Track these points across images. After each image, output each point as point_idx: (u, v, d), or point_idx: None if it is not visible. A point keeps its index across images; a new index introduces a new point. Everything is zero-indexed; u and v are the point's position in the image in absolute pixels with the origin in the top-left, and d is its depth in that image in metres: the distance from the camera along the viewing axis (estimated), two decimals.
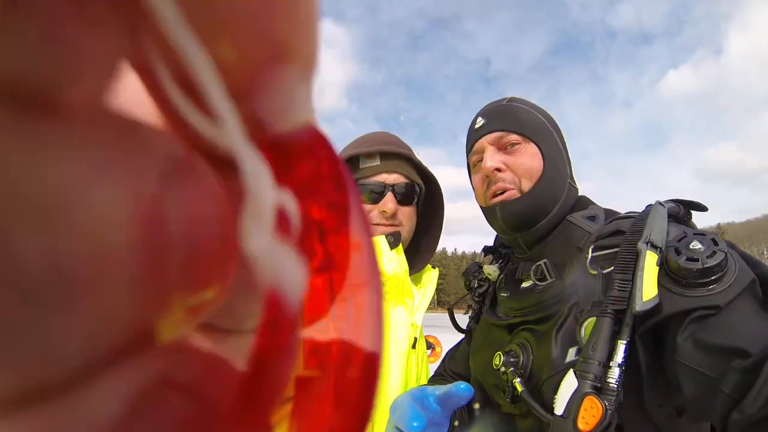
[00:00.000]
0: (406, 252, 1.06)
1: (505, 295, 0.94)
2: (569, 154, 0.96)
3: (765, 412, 0.45)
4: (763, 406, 0.46)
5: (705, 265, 0.59)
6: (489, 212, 0.93)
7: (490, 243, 1.10)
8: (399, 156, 1.03)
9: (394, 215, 1.00)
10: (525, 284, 0.90)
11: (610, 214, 0.86)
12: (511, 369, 0.78)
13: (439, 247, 1.19)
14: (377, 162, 1.00)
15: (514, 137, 0.89)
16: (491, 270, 1.02)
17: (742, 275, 0.59)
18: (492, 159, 0.88)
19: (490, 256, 1.11)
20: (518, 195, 0.87)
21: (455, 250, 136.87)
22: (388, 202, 0.98)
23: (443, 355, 1.16)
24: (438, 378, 1.15)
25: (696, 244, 0.62)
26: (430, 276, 1.16)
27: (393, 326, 1.00)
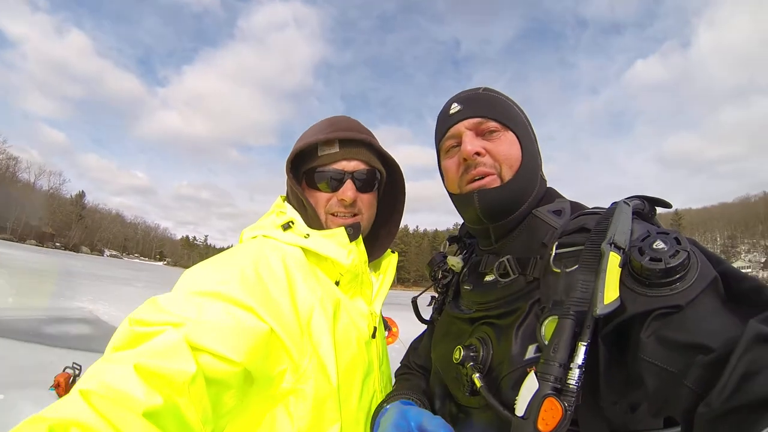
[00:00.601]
0: (366, 239, 1.05)
1: (468, 288, 0.95)
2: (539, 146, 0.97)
3: (731, 404, 0.46)
4: (729, 399, 0.46)
5: (668, 265, 0.60)
6: (464, 199, 0.91)
7: (452, 221, 1.13)
8: (359, 142, 1.01)
9: (353, 203, 1.00)
10: (488, 278, 0.90)
11: (576, 208, 0.86)
12: (471, 364, 0.79)
13: (401, 225, 1.19)
14: (336, 149, 0.98)
15: (493, 124, 0.89)
16: (455, 261, 1.03)
17: (704, 273, 0.60)
18: (472, 143, 0.87)
19: (455, 246, 1.11)
20: (499, 182, 0.87)
21: (417, 227, 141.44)
22: (348, 190, 0.97)
23: (399, 335, 1.16)
24: (403, 370, 1.16)
25: (659, 244, 0.63)
26: (390, 261, 1.16)
27: (353, 317, 0.99)
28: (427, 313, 1.13)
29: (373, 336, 1.04)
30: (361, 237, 1.02)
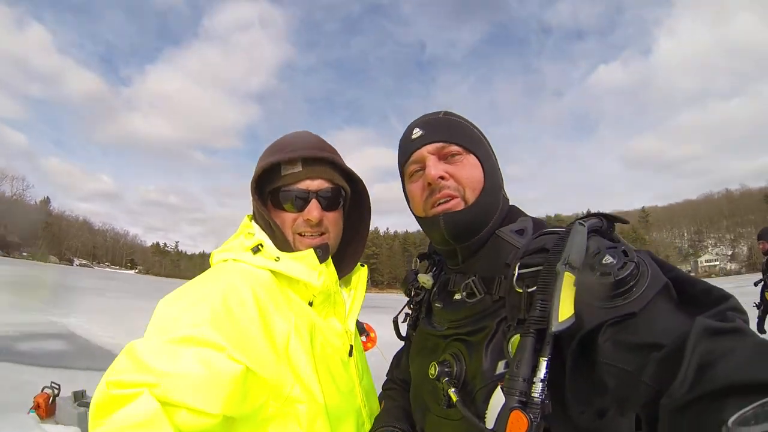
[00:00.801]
0: (334, 256, 1.05)
1: (438, 306, 0.99)
2: (499, 165, 1.01)
3: (694, 394, 0.48)
4: (690, 389, 0.49)
5: (617, 278, 0.64)
6: (429, 222, 0.94)
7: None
8: (322, 160, 1.00)
9: (319, 222, 0.99)
10: (457, 296, 0.94)
11: (538, 226, 0.91)
12: (446, 379, 0.84)
13: (371, 227, 1.21)
14: (299, 168, 0.98)
15: (455, 148, 0.92)
16: (425, 279, 1.06)
17: (654, 281, 0.64)
18: (436, 167, 0.90)
19: (425, 263, 1.14)
20: (463, 205, 0.90)
21: (387, 229, 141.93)
22: (313, 209, 0.97)
23: (377, 339, 1.20)
24: (388, 385, 1.23)
25: (608, 259, 0.67)
26: (360, 275, 1.17)
27: (329, 337, 1.00)
28: (404, 328, 1.18)
29: (350, 354, 1.06)
30: (330, 258, 1.02)
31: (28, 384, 4.62)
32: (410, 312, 1.14)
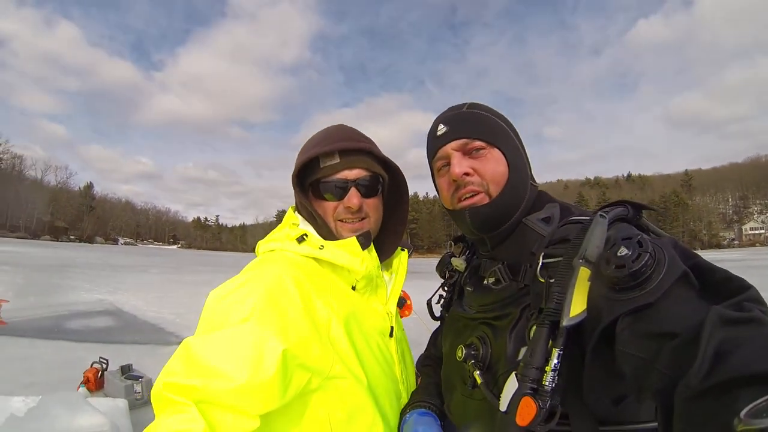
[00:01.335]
0: (375, 240, 1.12)
1: (469, 289, 1.04)
2: (527, 153, 1.03)
3: (708, 384, 0.48)
4: (705, 378, 0.49)
5: (631, 270, 0.64)
6: (457, 215, 0.99)
7: None
8: (359, 151, 1.06)
9: (359, 209, 1.06)
10: (486, 281, 0.98)
11: (565, 212, 0.92)
12: (472, 362, 0.89)
13: (410, 192, 1.25)
14: (337, 159, 1.04)
15: (479, 143, 0.95)
16: (459, 263, 1.12)
17: (672, 269, 0.64)
18: (460, 165, 0.94)
19: (460, 245, 1.19)
20: (487, 200, 0.94)
21: (426, 194, 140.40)
22: (353, 197, 1.04)
23: (413, 307, 1.30)
24: (426, 362, 1.28)
25: (623, 251, 0.66)
26: (400, 259, 1.23)
27: (370, 319, 1.07)
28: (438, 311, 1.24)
29: (391, 335, 1.12)
30: (372, 244, 1.07)
31: (78, 360, 4.76)
32: (444, 294, 1.19)
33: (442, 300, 1.19)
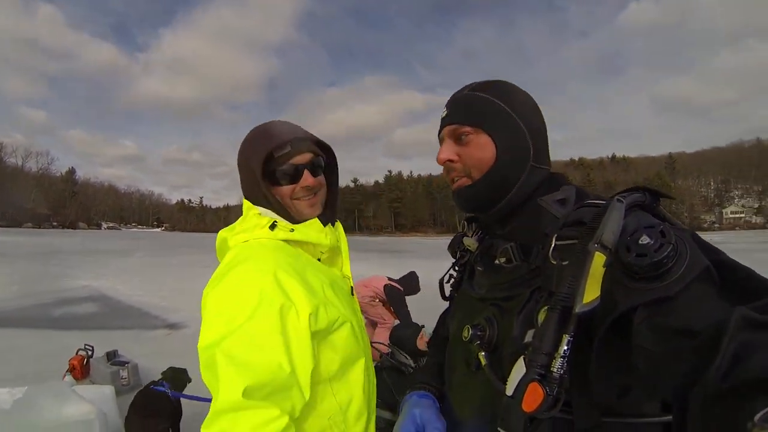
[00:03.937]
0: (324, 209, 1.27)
1: (480, 269, 1.03)
2: (540, 135, 0.98)
3: (725, 386, 0.47)
4: (723, 380, 0.48)
5: (653, 260, 0.62)
6: (452, 195, 1.02)
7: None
8: (303, 139, 1.19)
9: (313, 187, 1.18)
10: (497, 261, 0.96)
11: (581, 196, 0.90)
12: (477, 342, 0.88)
13: (394, 171, 1.51)
14: (288, 149, 1.15)
15: (466, 128, 0.95)
16: (470, 242, 1.11)
17: (693, 263, 0.62)
18: (444, 151, 0.97)
19: (473, 225, 1.17)
20: (469, 182, 0.95)
21: (410, 173, 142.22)
22: (308, 178, 1.16)
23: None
24: (436, 341, 1.28)
25: (645, 239, 0.65)
26: (339, 228, 1.36)
27: (338, 282, 1.22)
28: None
29: (352, 294, 1.30)
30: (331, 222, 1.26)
31: (65, 349, 4.73)
32: (455, 273, 1.19)
33: (453, 280, 1.18)
